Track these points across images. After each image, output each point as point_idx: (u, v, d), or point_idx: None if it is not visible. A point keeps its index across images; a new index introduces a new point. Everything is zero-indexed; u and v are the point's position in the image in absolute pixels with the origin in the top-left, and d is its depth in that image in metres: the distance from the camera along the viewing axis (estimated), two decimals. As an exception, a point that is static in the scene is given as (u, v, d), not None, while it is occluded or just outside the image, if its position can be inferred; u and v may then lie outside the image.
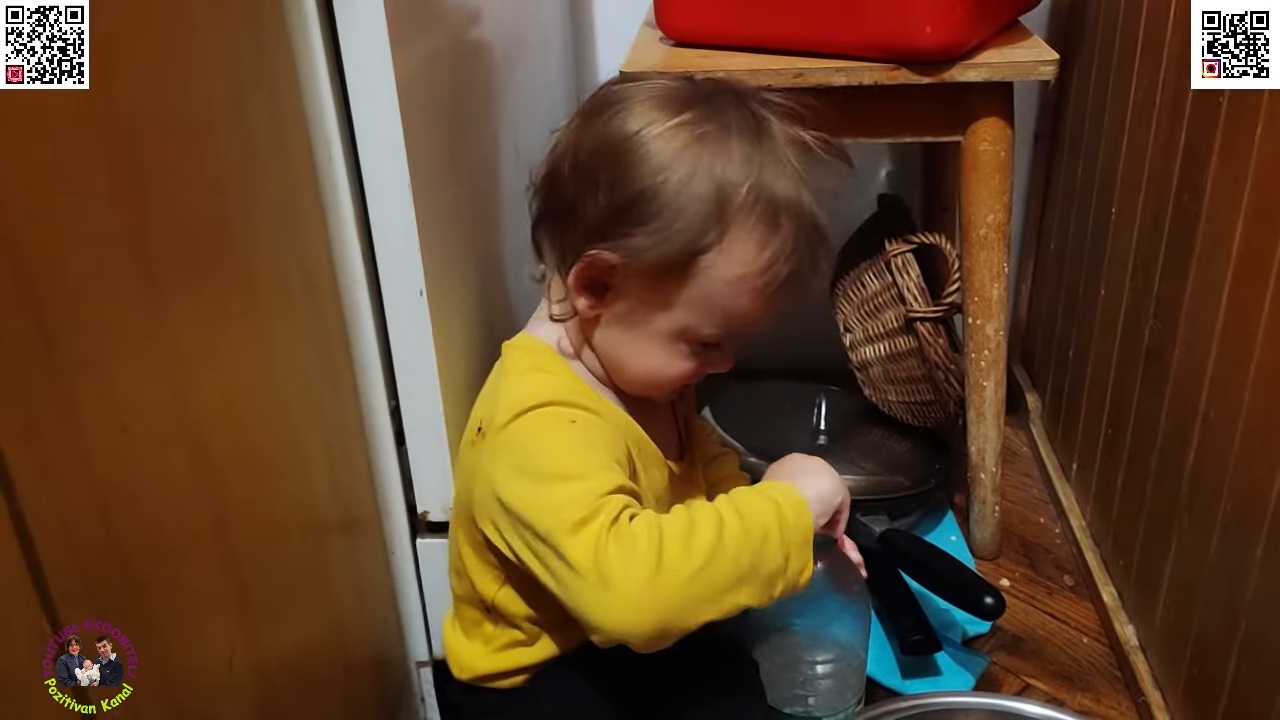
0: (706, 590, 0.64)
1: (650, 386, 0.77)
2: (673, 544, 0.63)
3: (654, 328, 0.73)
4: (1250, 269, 0.79)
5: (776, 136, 0.71)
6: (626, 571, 0.62)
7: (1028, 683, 1.04)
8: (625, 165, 0.69)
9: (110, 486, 0.49)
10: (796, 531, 0.69)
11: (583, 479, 0.66)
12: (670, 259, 0.69)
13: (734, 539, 0.66)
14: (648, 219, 0.68)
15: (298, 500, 0.71)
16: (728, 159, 0.69)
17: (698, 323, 0.72)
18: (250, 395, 0.64)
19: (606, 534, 0.63)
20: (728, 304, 0.71)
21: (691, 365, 0.75)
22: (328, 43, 0.70)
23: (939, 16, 0.93)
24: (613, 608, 0.62)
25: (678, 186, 0.68)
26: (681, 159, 0.68)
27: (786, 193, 0.70)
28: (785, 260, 0.70)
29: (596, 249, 0.70)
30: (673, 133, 0.69)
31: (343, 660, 0.79)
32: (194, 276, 0.57)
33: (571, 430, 0.70)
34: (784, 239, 0.70)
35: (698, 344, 0.74)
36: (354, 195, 0.75)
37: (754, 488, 0.73)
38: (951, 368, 1.16)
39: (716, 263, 0.69)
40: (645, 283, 0.71)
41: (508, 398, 0.72)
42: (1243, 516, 0.80)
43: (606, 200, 0.70)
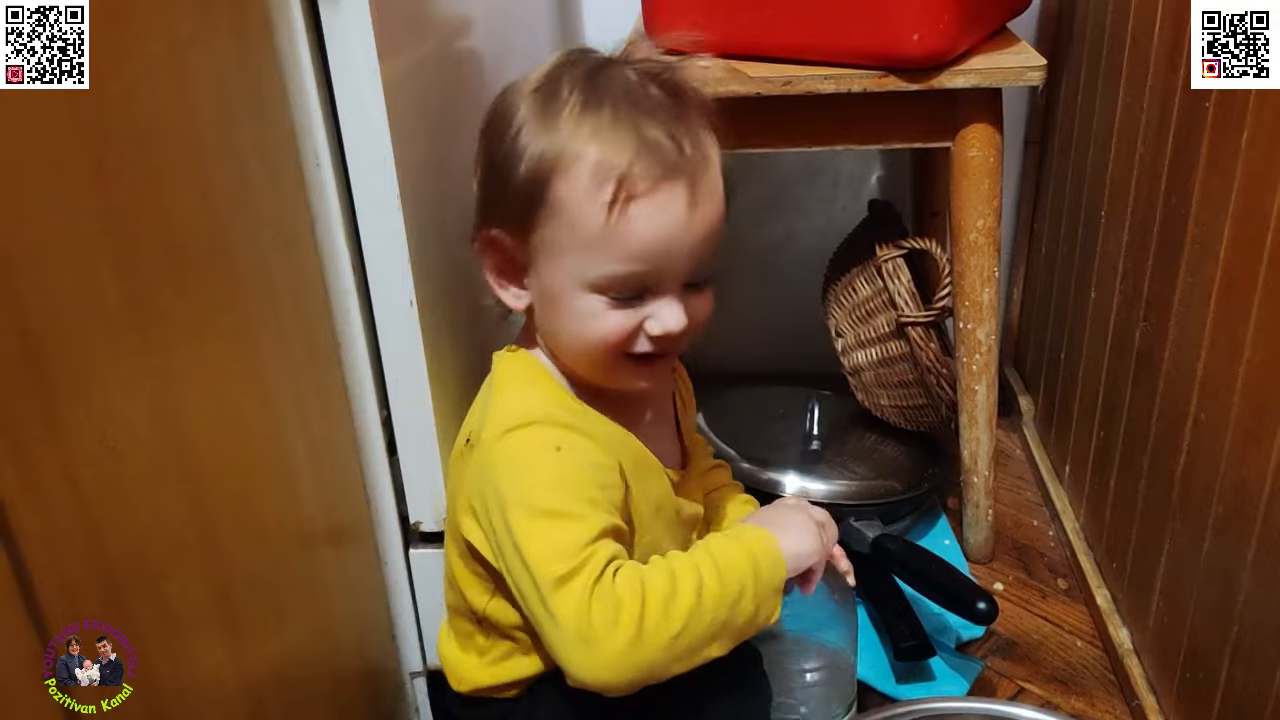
0: (683, 651, 0.66)
1: (594, 365, 0.73)
2: (654, 608, 0.64)
3: (563, 289, 0.70)
4: (1239, 271, 0.80)
5: (617, 68, 0.70)
6: (609, 635, 0.63)
7: (1022, 687, 1.04)
8: (481, 144, 0.72)
9: (97, 502, 0.49)
10: (769, 584, 0.71)
11: (569, 520, 0.66)
12: (526, 204, 0.68)
13: (712, 599, 0.67)
14: (501, 176, 0.70)
15: (287, 512, 0.70)
16: (557, 87, 0.69)
17: (584, 264, 0.68)
18: (239, 408, 0.64)
19: (590, 593, 0.63)
20: (594, 229, 0.67)
21: (620, 320, 0.70)
22: (315, 54, 0.70)
23: (927, 24, 0.94)
24: (591, 666, 0.64)
25: (516, 131, 0.69)
26: (510, 105, 0.70)
27: (616, 111, 0.67)
28: (625, 163, 0.66)
29: (483, 229, 0.72)
30: (508, 92, 0.71)
31: (335, 672, 0.78)
32: (182, 290, 0.57)
33: (557, 459, 0.69)
34: (616, 144, 0.66)
35: (605, 293, 0.69)
36: (343, 205, 0.75)
37: (733, 536, 0.73)
38: (943, 372, 1.16)
39: (563, 186, 0.67)
40: (531, 244, 0.70)
41: (496, 412, 0.72)
42: (1234, 518, 0.81)
43: (480, 177, 0.73)
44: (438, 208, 0.84)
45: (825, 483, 1.18)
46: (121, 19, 0.52)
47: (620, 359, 0.72)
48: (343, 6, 0.69)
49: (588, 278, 0.68)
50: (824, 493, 1.17)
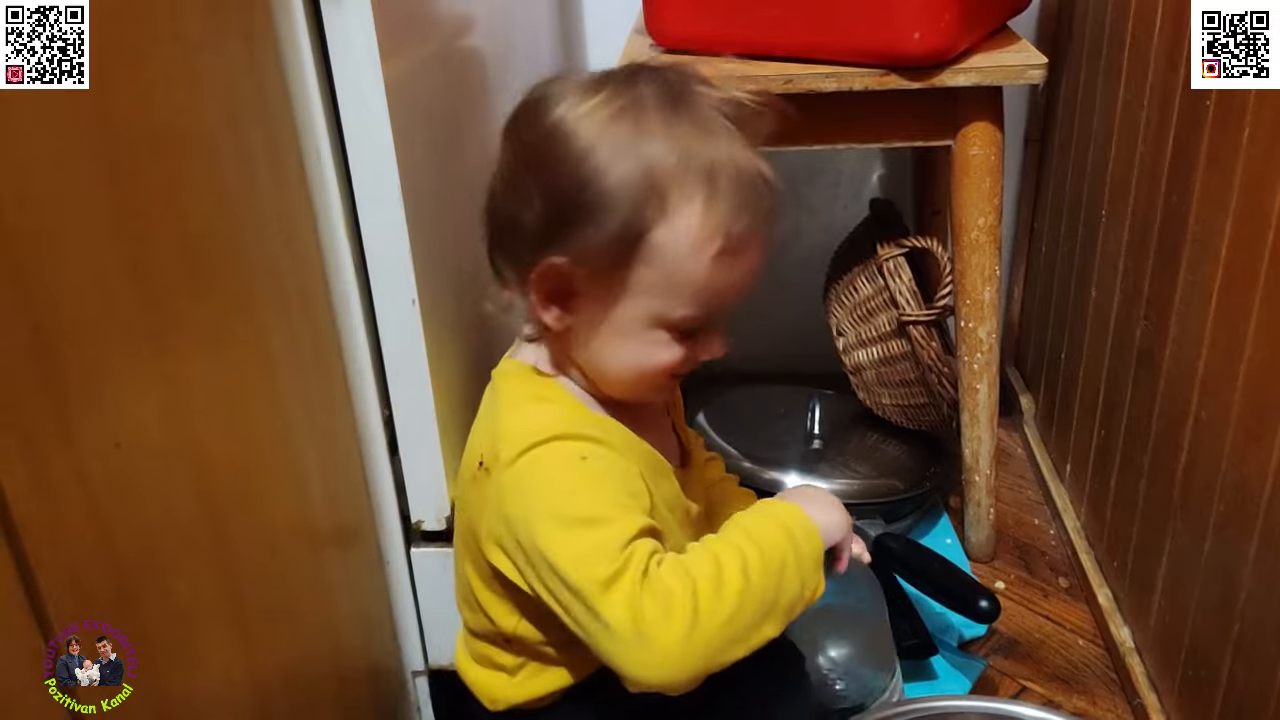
0: (740, 632, 0.64)
1: (640, 386, 0.74)
2: (706, 592, 0.63)
3: (625, 322, 0.70)
4: (1239, 269, 0.80)
5: (697, 97, 0.69)
6: (666, 627, 0.61)
7: (1024, 685, 1.04)
8: (550, 164, 0.67)
9: (105, 502, 0.49)
10: (809, 557, 0.69)
11: (605, 524, 0.65)
12: (617, 246, 0.66)
13: (759, 575, 0.65)
14: (584, 211, 0.66)
15: (293, 511, 0.71)
16: (648, 130, 0.66)
17: (667, 306, 0.69)
18: (246, 407, 0.64)
19: (639, 589, 0.62)
20: (690, 278, 0.67)
21: (677, 353, 0.71)
22: (317, 54, 0.70)
23: (927, 22, 0.94)
24: (651, 664, 0.62)
25: (604, 169, 0.65)
26: (602, 141, 0.66)
27: (716, 150, 0.67)
28: (735, 219, 0.67)
29: (546, 257, 0.68)
30: (589, 116, 0.67)
31: (338, 670, 0.79)
32: (191, 292, 0.57)
33: (584, 468, 0.68)
34: (726, 198, 0.66)
35: (676, 330, 0.70)
36: (345, 206, 0.75)
37: (761, 511, 0.72)
38: (944, 370, 1.16)
39: (666, 238, 0.66)
40: (603, 279, 0.68)
41: (510, 432, 0.70)
42: (1235, 516, 0.81)
43: (541, 205, 0.68)
44: (439, 207, 0.84)
45: (827, 482, 1.18)
46: (135, 23, 0.52)
47: (666, 380, 0.74)
48: (345, 6, 0.69)
49: (667, 318, 0.69)
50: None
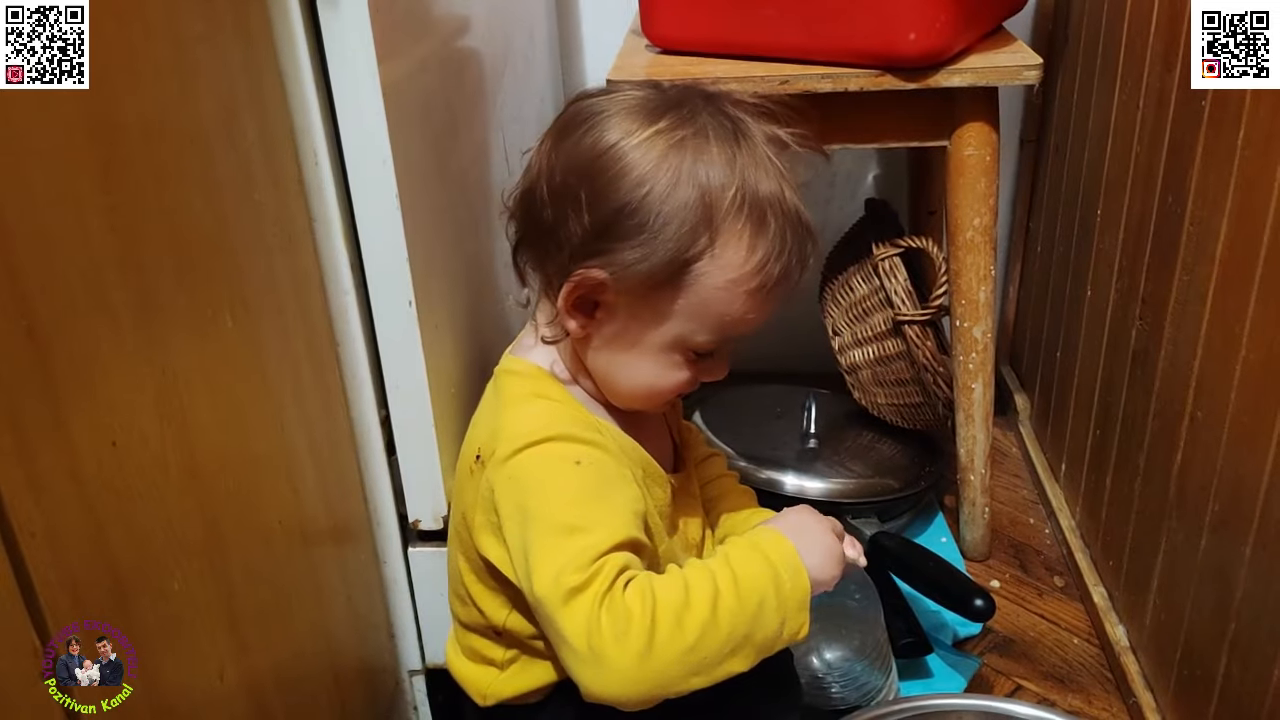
0: (698, 664, 0.64)
1: (646, 400, 0.76)
2: (665, 619, 0.63)
3: (648, 341, 0.72)
4: (1235, 270, 0.80)
5: (754, 136, 0.70)
6: (619, 650, 0.62)
7: (1019, 684, 1.05)
8: (605, 180, 0.68)
9: (100, 500, 0.49)
10: (792, 598, 0.68)
11: (583, 533, 0.65)
12: (661, 270, 0.68)
13: (728, 611, 0.65)
14: (634, 233, 0.67)
15: (288, 511, 0.70)
16: (710, 163, 0.67)
17: (692, 331, 0.71)
18: (241, 407, 0.64)
19: (599, 607, 0.62)
20: (722, 309, 0.70)
21: (687, 375, 0.74)
22: (314, 55, 0.70)
23: (923, 23, 0.94)
24: (601, 681, 0.63)
25: (662, 196, 0.67)
26: (662, 168, 0.67)
27: (771, 191, 0.69)
28: (776, 259, 0.69)
29: (584, 268, 0.69)
30: (650, 143, 0.68)
31: (334, 669, 0.79)
32: (185, 289, 0.57)
33: (577, 474, 0.68)
34: (773, 238, 0.69)
35: (692, 353, 0.72)
36: (342, 206, 0.75)
37: (751, 542, 0.71)
38: (940, 370, 1.16)
39: (709, 270, 0.68)
40: (637, 297, 0.70)
41: (510, 429, 0.71)
42: (1230, 516, 0.81)
43: (590, 218, 0.68)
44: (437, 207, 0.84)
45: (822, 481, 1.19)
46: (129, 17, 0.52)
47: (672, 398, 0.76)
48: (341, 7, 0.69)
49: (688, 342, 0.71)
50: (821, 491, 1.18)
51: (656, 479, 0.77)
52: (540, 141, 0.73)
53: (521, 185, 0.74)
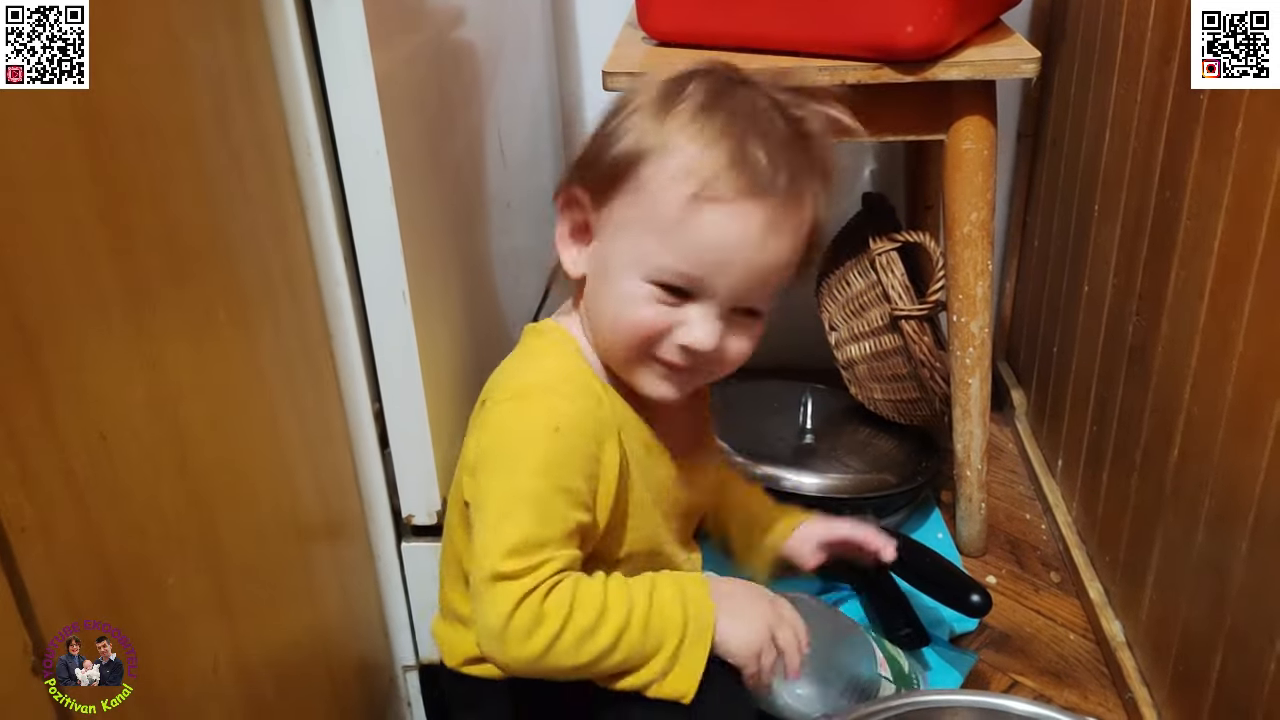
0: (583, 673, 0.69)
1: (626, 350, 0.73)
2: (570, 636, 0.67)
3: (617, 262, 0.71)
4: (1232, 265, 0.80)
5: (742, 86, 0.71)
6: (520, 644, 0.66)
7: (1015, 680, 1.04)
8: (606, 113, 0.73)
9: (91, 494, 0.48)
10: (686, 665, 0.70)
11: (541, 513, 0.68)
12: (612, 173, 0.70)
13: (627, 646, 0.68)
14: (599, 141, 0.72)
15: (281, 505, 0.70)
16: (686, 94, 0.70)
17: (648, 248, 0.69)
18: (234, 400, 0.63)
19: (520, 601, 0.66)
20: (667, 217, 0.68)
21: (655, 314, 0.70)
22: (307, 46, 0.70)
23: (921, 15, 0.93)
24: (493, 653, 0.68)
25: (635, 105, 0.71)
26: (634, 89, 0.72)
27: (735, 122, 0.68)
28: (719, 172, 0.66)
29: (568, 187, 0.74)
30: (639, 80, 0.73)
31: (328, 665, 0.78)
32: (177, 281, 0.57)
33: (553, 441, 0.69)
34: (720, 154, 0.67)
35: (656, 282, 0.70)
36: (335, 197, 0.74)
37: (680, 597, 0.71)
38: (937, 365, 1.16)
39: (656, 169, 0.68)
40: (602, 206, 0.72)
41: (510, 375, 0.75)
42: (1226, 511, 0.81)
43: (583, 148, 0.74)
44: (430, 199, 0.84)
45: (819, 476, 1.18)
46: (121, 7, 0.51)
47: (645, 357, 0.73)
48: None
49: (644, 264, 0.70)
50: (818, 486, 1.17)
51: (656, 455, 0.78)
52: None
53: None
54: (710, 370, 0.75)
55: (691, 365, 0.73)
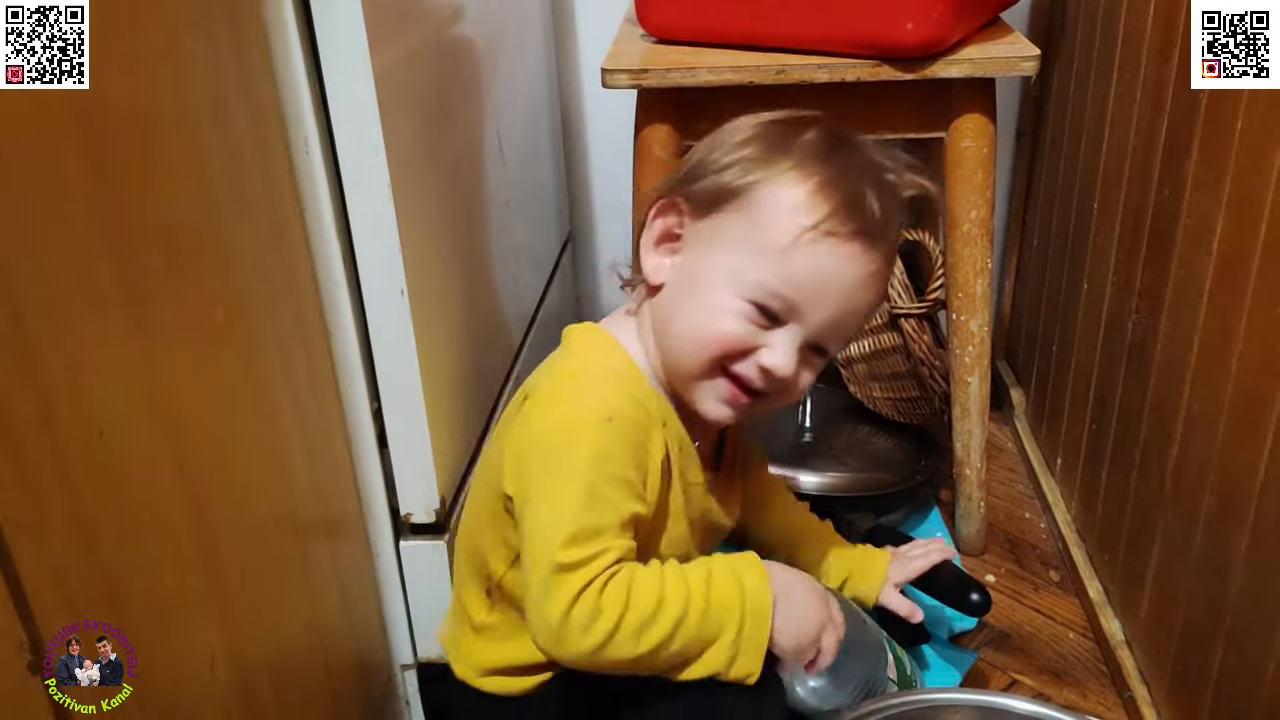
0: (641, 666, 0.68)
1: (696, 362, 0.73)
2: (628, 628, 0.66)
3: (709, 274, 0.72)
4: (1231, 263, 0.79)
5: (857, 140, 0.75)
6: (579, 638, 0.66)
7: (1014, 678, 1.04)
8: (706, 144, 0.76)
9: (88, 492, 0.48)
10: (751, 641, 0.70)
11: (599, 502, 0.67)
12: (724, 188, 0.72)
13: (687, 635, 0.68)
14: (707, 163, 0.74)
15: (279, 502, 0.70)
16: (800, 135, 0.72)
17: (752, 266, 0.70)
18: (231, 398, 0.63)
19: (579, 594, 0.65)
20: (774, 242, 0.70)
21: (742, 330, 0.71)
22: (305, 41, 0.70)
23: (921, 12, 0.93)
24: (550, 647, 0.67)
25: (744, 138, 0.73)
26: (741, 123, 0.75)
27: (850, 168, 0.71)
28: (834, 212, 0.69)
29: (668, 196, 0.75)
30: (756, 119, 0.75)
31: (326, 663, 0.78)
32: (174, 278, 0.56)
33: (606, 431, 0.69)
34: (836, 194, 0.70)
35: (747, 298, 0.70)
36: (333, 194, 0.74)
37: (738, 578, 0.71)
38: (936, 364, 1.16)
39: (766, 195, 0.70)
40: (705, 222, 0.73)
41: (560, 369, 0.75)
42: (1226, 509, 0.81)
43: (688, 165, 0.76)
44: (429, 196, 0.83)
45: (818, 475, 1.18)
46: (119, 3, 0.51)
47: (716, 371, 0.73)
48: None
49: (743, 280, 0.71)
50: (817, 485, 1.17)
51: (691, 458, 0.78)
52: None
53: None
54: (770, 401, 0.75)
55: (761, 389, 0.73)
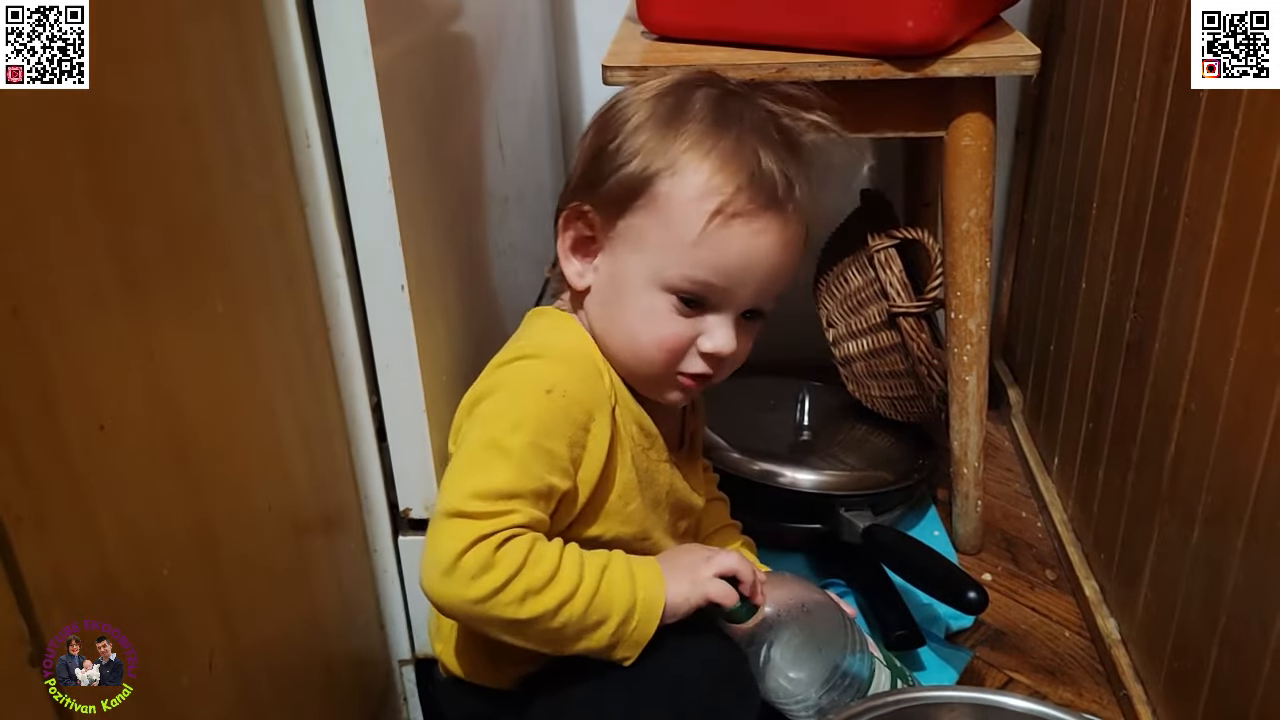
0: (517, 632, 0.68)
1: (645, 364, 0.75)
2: (515, 591, 0.66)
3: (632, 280, 0.73)
4: (1230, 262, 0.80)
5: (753, 102, 0.74)
6: (463, 585, 0.66)
7: (1010, 676, 1.05)
8: (599, 126, 0.76)
9: (88, 485, 0.48)
10: (634, 635, 0.71)
11: (511, 462, 0.68)
12: (627, 186, 0.72)
13: (567, 614, 0.68)
14: (604, 160, 0.73)
15: (278, 497, 0.70)
16: (690, 110, 0.72)
17: (666, 262, 0.71)
18: (231, 392, 0.63)
19: (476, 544, 0.66)
20: (686, 233, 0.70)
21: (678, 328, 0.73)
22: (306, 35, 0.70)
23: (921, 11, 0.93)
24: (435, 591, 0.67)
25: (636, 123, 0.73)
26: (628, 104, 0.74)
27: (743, 137, 0.71)
28: (737, 190, 0.70)
29: (574, 204, 0.75)
30: (644, 92, 0.75)
31: (324, 659, 0.78)
32: (175, 272, 0.56)
33: (542, 402, 0.70)
34: (736, 172, 0.70)
35: (676, 293, 0.72)
36: (334, 188, 0.74)
37: (629, 574, 0.72)
38: (934, 363, 1.16)
39: (670, 189, 0.71)
40: (616, 227, 0.73)
41: (519, 341, 0.77)
42: (1223, 509, 0.81)
43: (583, 159, 0.76)
44: (429, 191, 0.83)
45: (816, 473, 1.18)
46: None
47: (667, 372, 0.75)
48: (334, -12, 0.68)
49: (664, 277, 0.72)
50: (814, 483, 1.17)
51: (653, 439, 0.79)
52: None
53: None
54: (721, 374, 0.77)
55: (709, 370, 0.75)
